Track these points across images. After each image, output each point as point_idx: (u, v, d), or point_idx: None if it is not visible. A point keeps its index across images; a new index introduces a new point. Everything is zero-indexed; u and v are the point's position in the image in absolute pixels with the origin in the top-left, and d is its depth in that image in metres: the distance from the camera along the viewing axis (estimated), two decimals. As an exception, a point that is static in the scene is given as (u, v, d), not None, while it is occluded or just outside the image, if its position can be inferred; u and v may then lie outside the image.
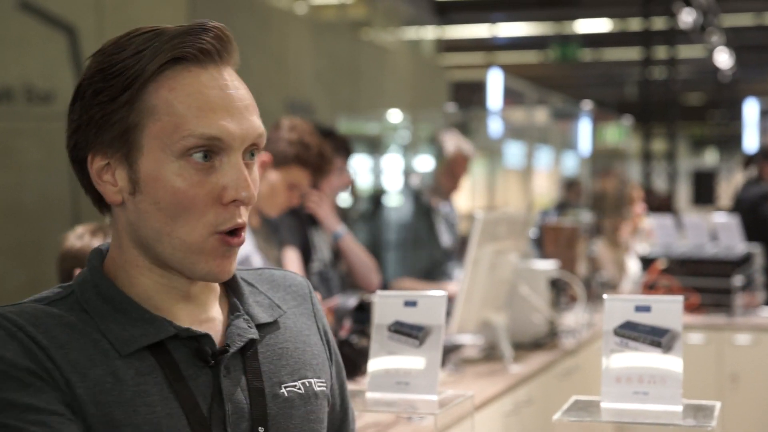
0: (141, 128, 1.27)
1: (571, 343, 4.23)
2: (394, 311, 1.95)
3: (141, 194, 1.28)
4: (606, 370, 1.83)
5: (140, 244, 1.31)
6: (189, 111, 1.26)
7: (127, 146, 1.27)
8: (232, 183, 1.28)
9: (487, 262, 3.72)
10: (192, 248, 1.28)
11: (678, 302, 1.84)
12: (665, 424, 1.77)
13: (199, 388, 1.29)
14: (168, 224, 1.28)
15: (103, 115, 1.27)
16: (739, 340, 4.82)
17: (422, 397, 1.91)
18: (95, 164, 1.29)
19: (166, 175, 1.26)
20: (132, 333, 1.27)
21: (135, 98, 1.26)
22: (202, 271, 1.29)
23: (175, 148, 1.26)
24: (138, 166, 1.27)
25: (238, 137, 1.28)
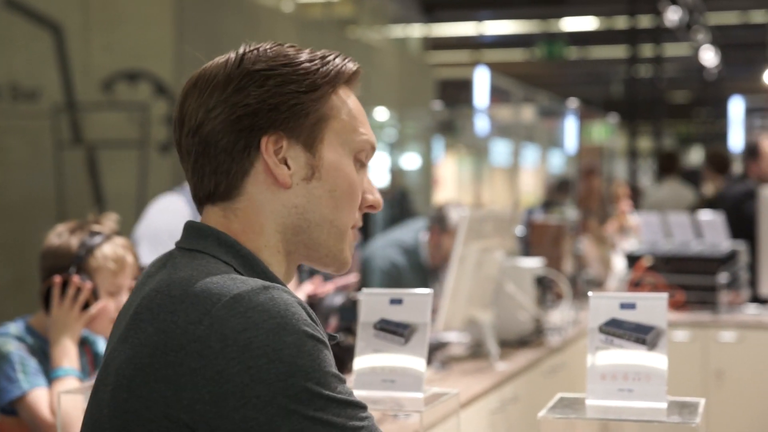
0: (324, 122, 1.42)
1: (556, 340, 4.24)
2: (380, 309, 1.95)
3: (319, 180, 1.41)
4: (591, 368, 1.84)
5: (292, 228, 1.41)
6: (358, 118, 1.46)
7: (312, 136, 1.40)
8: (369, 188, 1.48)
9: (473, 260, 3.73)
10: (342, 237, 1.44)
11: (663, 299, 1.85)
12: (650, 421, 1.78)
13: None
14: (333, 212, 1.42)
15: (297, 103, 1.39)
16: (723, 338, 4.84)
17: (408, 394, 1.91)
18: (271, 146, 1.39)
19: (347, 168, 1.43)
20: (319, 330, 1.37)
21: (326, 95, 1.42)
22: (344, 258, 1.45)
23: (353, 146, 1.44)
24: (320, 154, 1.41)
25: (375, 150, 1.49)
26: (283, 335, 1.26)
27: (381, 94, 12.11)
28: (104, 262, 2.54)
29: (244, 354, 1.24)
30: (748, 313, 5.07)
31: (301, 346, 1.26)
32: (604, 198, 8.97)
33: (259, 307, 1.27)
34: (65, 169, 6.79)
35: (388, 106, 11.20)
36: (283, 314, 1.27)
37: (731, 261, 5.12)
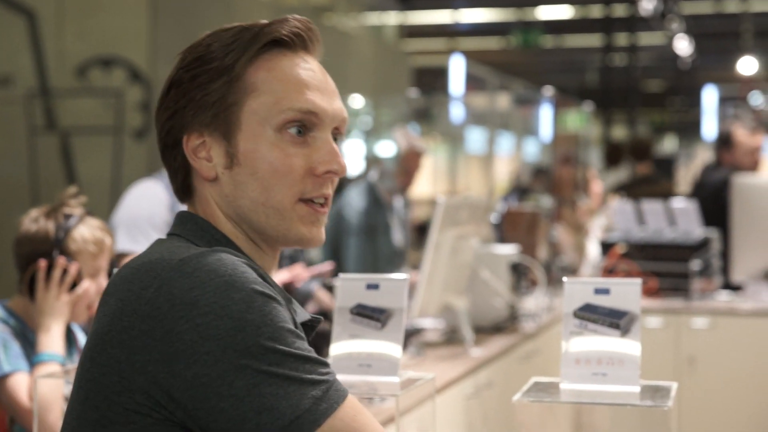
0: (240, 105, 1.38)
1: (531, 327, 4.27)
2: (356, 294, 1.96)
3: (239, 166, 1.38)
4: (565, 352, 1.85)
5: (236, 216, 1.40)
6: (287, 87, 1.38)
7: (226, 123, 1.38)
8: (325, 156, 1.40)
9: (448, 247, 3.74)
10: (284, 215, 1.39)
11: (636, 285, 1.86)
12: (623, 404, 1.80)
13: None
14: (263, 193, 1.38)
15: (204, 95, 1.37)
16: (696, 324, 4.88)
17: (384, 379, 1.92)
18: (191, 143, 1.39)
19: (265, 147, 1.37)
20: (292, 308, 1.38)
21: (234, 78, 1.37)
22: (296, 236, 1.40)
23: (273, 122, 1.38)
24: (236, 141, 1.38)
25: (329, 115, 1.41)
26: (230, 292, 1.26)
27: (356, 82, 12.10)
28: (84, 245, 2.54)
29: (191, 312, 1.25)
30: (720, 299, 5.11)
31: (250, 302, 1.26)
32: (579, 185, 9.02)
33: (206, 267, 1.28)
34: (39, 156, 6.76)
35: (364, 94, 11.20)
36: (231, 273, 1.28)
37: (704, 248, 5.15)
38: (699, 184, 6.16)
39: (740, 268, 5.17)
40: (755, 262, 5.16)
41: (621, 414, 2.14)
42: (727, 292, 5.23)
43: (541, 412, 1.88)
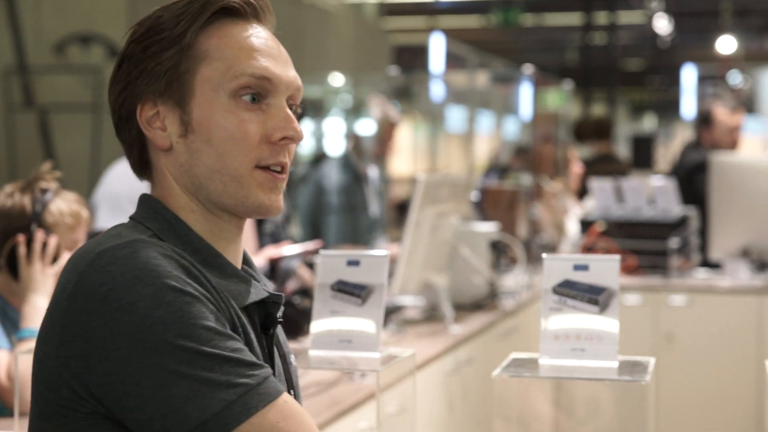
0: (193, 73, 1.35)
1: (510, 304, 4.29)
2: (337, 270, 1.96)
3: (193, 134, 1.35)
4: (544, 328, 1.87)
5: (192, 186, 1.37)
6: (240, 54, 1.36)
7: (180, 91, 1.35)
8: (280, 122, 1.37)
9: (428, 225, 3.75)
10: (241, 182, 1.35)
11: (615, 261, 1.87)
12: (601, 379, 1.81)
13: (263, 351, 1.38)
14: (219, 161, 1.35)
15: (156, 64, 1.35)
16: (674, 301, 4.91)
17: (365, 354, 1.93)
18: (144, 113, 1.37)
19: (219, 113, 1.35)
20: (238, 288, 1.34)
21: (186, 47, 1.35)
22: (254, 203, 1.36)
23: (227, 88, 1.35)
24: (190, 108, 1.35)
25: (284, 81, 1.38)
26: (139, 287, 1.23)
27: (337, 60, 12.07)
28: (61, 218, 2.54)
29: (102, 307, 1.23)
30: (697, 277, 5.14)
31: (159, 298, 1.23)
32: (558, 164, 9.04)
33: (119, 261, 1.26)
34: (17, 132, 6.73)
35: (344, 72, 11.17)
36: (142, 267, 1.25)
37: (682, 226, 5.18)
38: (676, 163, 6.19)
39: (718, 246, 5.20)
40: (733, 240, 5.19)
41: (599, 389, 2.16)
42: (705, 270, 5.27)
43: (520, 387, 1.89)
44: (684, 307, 4.89)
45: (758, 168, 5.23)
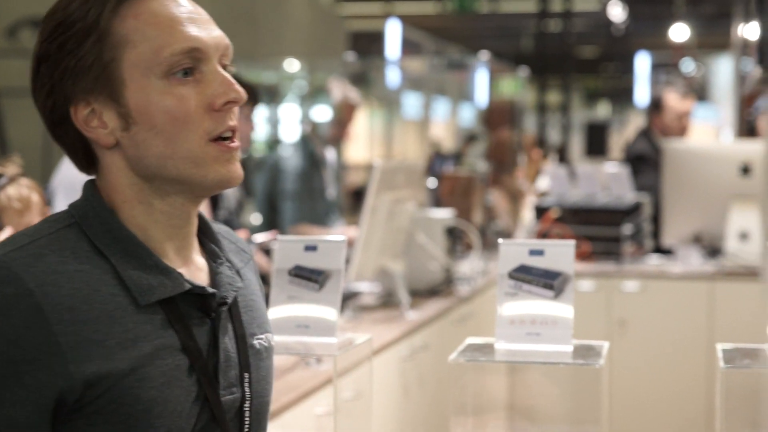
0: (118, 61, 1.28)
1: (466, 290, 4.31)
2: (294, 256, 1.97)
3: (135, 125, 1.29)
4: (500, 313, 1.88)
5: (144, 177, 1.31)
6: (161, 31, 1.28)
7: (109, 83, 1.28)
8: (219, 88, 1.30)
9: (384, 211, 3.76)
10: (196, 161, 1.29)
11: (570, 246, 1.90)
12: (556, 363, 1.84)
13: (202, 339, 1.32)
14: (168, 146, 1.28)
15: (77, 61, 1.27)
16: (627, 287, 4.96)
17: (322, 340, 1.94)
18: (80, 114, 1.29)
19: (155, 97, 1.28)
20: (150, 282, 1.28)
21: (103, 35, 1.27)
22: (215, 178, 1.30)
23: (158, 70, 1.28)
24: (125, 99, 1.28)
25: (212, 45, 1.31)
26: None
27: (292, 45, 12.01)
28: (8, 203, 2.53)
29: None
30: (650, 263, 5.20)
31: None
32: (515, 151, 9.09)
33: None
34: (-32, 118, 6.64)
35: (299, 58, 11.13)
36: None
37: (635, 213, 5.23)
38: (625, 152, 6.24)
39: (670, 232, 5.26)
40: (685, 227, 5.25)
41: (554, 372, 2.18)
42: (658, 256, 5.32)
43: (476, 372, 1.91)
44: (637, 293, 4.94)
45: (710, 155, 5.29)
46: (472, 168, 7.14)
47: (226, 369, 1.33)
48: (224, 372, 1.33)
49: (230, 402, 1.33)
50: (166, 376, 1.26)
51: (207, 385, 1.30)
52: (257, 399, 1.38)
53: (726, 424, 1.80)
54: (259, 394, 1.39)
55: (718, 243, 5.17)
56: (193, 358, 1.29)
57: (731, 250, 5.01)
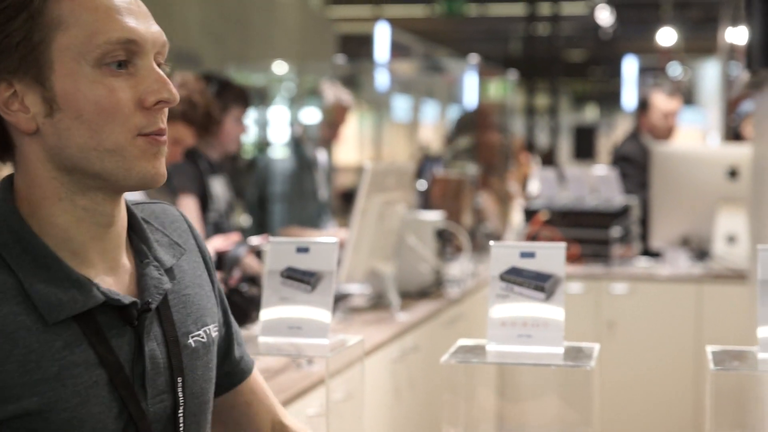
0: (48, 43, 1.21)
1: (456, 292, 4.31)
2: (286, 257, 1.97)
3: (60, 112, 1.22)
4: (492, 314, 1.88)
5: (64, 169, 1.24)
6: (98, 17, 1.22)
7: (36, 65, 1.21)
8: (153, 85, 1.25)
9: (375, 213, 3.76)
10: (122, 154, 1.23)
11: (561, 249, 1.90)
12: (547, 364, 1.84)
13: (122, 348, 1.26)
14: (93, 137, 1.22)
15: (4, 37, 1.20)
16: (615, 290, 4.97)
17: (314, 341, 1.94)
18: (1, 96, 1.22)
19: (85, 85, 1.22)
20: (60, 298, 1.21)
21: (36, 13, 1.20)
22: (138, 174, 1.24)
23: (90, 57, 1.22)
24: (51, 83, 1.22)
25: (149, 40, 1.26)
26: None
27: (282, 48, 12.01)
28: None
29: None
30: (638, 266, 5.21)
31: None
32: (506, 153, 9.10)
33: None
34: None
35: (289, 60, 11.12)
36: None
37: (624, 215, 5.24)
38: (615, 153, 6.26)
39: (658, 234, 5.27)
40: (673, 229, 5.27)
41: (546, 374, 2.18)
42: (646, 259, 5.34)
43: (467, 373, 1.91)
44: (625, 295, 4.95)
45: (698, 158, 5.30)
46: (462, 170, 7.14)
47: (154, 377, 1.28)
48: (152, 380, 1.28)
49: (160, 411, 1.28)
50: (81, 395, 1.20)
51: (129, 398, 1.24)
52: (194, 401, 1.33)
53: (715, 425, 1.80)
54: (196, 396, 1.34)
55: (705, 246, 5.18)
56: (112, 371, 1.23)
57: (719, 253, 5.02)
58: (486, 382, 2.95)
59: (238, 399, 1.52)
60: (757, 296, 1.84)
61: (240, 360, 1.53)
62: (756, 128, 3.92)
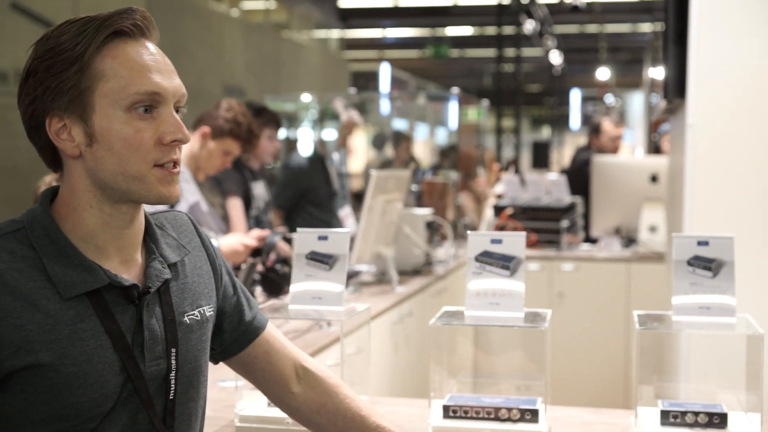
0: (92, 90, 1.23)
1: (441, 270, 4.30)
2: (310, 244, 1.96)
3: (97, 143, 1.24)
4: (468, 287, 1.88)
5: (99, 186, 1.26)
6: (132, 73, 1.24)
7: (82, 106, 1.23)
8: (170, 128, 1.26)
9: (379, 209, 3.75)
10: (143, 180, 1.25)
11: (522, 237, 1.89)
12: (512, 326, 1.83)
13: (125, 322, 1.26)
14: (121, 165, 1.24)
15: (59, 83, 1.22)
16: (564, 268, 4.96)
17: (332, 308, 1.93)
18: (53, 126, 1.25)
19: (117, 126, 1.23)
20: (73, 279, 1.22)
21: (85, 67, 1.22)
22: (155, 196, 1.26)
23: (123, 104, 1.23)
24: (92, 121, 1.23)
25: (170, 92, 1.27)
26: None
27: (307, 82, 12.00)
28: None
29: None
30: (582, 249, 5.19)
31: None
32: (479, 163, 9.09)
33: None
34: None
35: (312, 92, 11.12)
36: None
37: (571, 211, 5.23)
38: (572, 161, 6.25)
39: (597, 226, 5.26)
40: (608, 222, 5.26)
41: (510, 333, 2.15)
42: (588, 244, 5.32)
43: (450, 333, 1.90)
44: (572, 272, 4.94)
45: (628, 167, 5.29)
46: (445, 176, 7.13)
47: (152, 345, 1.27)
48: (150, 347, 1.27)
49: (156, 372, 1.28)
50: (87, 354, 1.21)
51: (128, 359, 1.24)
52: (186, 366, 1.32)
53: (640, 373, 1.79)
54: (189, 362, 1.33)
55: (633, 234, 5.17)
56: (114, 338, 1.23)
57: (643, 240, 5.01)
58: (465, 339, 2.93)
59: (257, 350, 1.49)
60: (672, 272, 1.83)
61: (253, 320, 1.50)
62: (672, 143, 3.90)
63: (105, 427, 1.22)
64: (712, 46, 2.91)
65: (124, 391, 1.24)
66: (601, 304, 4.86)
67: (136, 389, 1.25)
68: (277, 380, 1.49)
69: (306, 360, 1.53)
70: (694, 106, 2.93)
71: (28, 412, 1.18)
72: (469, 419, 1.82)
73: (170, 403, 1.29)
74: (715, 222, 2.88)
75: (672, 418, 1.77)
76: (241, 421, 1.86)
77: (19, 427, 1.19)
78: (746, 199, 2.86)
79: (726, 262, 1.79)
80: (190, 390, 1.34)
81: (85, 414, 1.20)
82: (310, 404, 1.50)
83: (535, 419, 1.80)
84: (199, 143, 3.37)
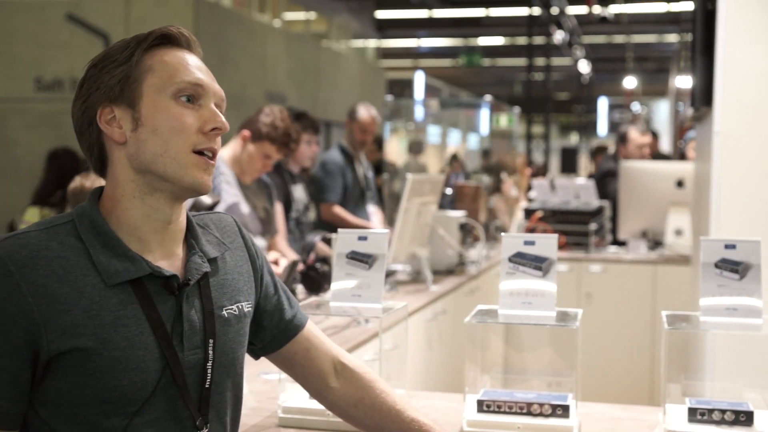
0: (141, 81, 1.27)
1: (474, 270, 4.28)
2: (350, 243, 1.96)
3: (142, 127, 1.26)
4: (502, 287, 1.87)
5: (139, 171, 1.27)
6: (177, 66, 1.29)
7: (131, 95, 1.27)
8: (211, 117, 1.29)
9: (414, 211, 3.75)
10: (180, 163, 1.26)
11: (554, 239, 1.88)
12: (544, 324, 1.82)
13: (166, 312, 1.26)
14: (162, 146, 1.26)
15: (111, 77, 1.27)
16: (592, 269, 4.92)
17: (370, 305, 1.93)
18: (104, 117, 1.28)
19: (162, 109, 1.27)
20: (117, 267, 1.24)
21: (135, 63, 1.28)
22: (189, 180, 1.27)
23: (169, 91, 1.27)
24: (139, 107, 1.27)
25: (211, 89, 1.31)
26: None
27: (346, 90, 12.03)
28: None
29: None
30: (610, 252, 5.15)
31: None
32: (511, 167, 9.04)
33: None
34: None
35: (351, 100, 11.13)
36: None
37: (599, 215, 5.19)
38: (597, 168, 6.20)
39: (624, 229, 5.21)
40: (635, 225, 5.21)
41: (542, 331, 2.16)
42: (615, 246, 5.28)
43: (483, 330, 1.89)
44: (600, 273, 4.90)
45: (654, 172, 5.24)
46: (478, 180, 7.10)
47: (190, 335, 1.27)
48: (189, 337, 1.27)
49: (194, 361, 1.28)
50: (129, 340, 1.21)
51: (167, 347, 1.24)
52: (223, 357, 1.32)
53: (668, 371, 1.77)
54: (225, 353, 1.33)
55: (660, 237, 5.12)
56: (154, 326, 1.24)
57: (669, 243, 4.96)
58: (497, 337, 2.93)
59: (297, 347, 1.50)
60: (699, 274, 1.80)
61: (293, 318, 1.50)
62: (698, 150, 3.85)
63: (145, 411, 1.23)
64: (738, 55, 2.87)
65: (163, 378, 1.24)
66: (627, 304, 4.82)
67: (174, 376, 1.25)
68: (315, 375, 1.50)
69: (344, 356, 1.53)
70: (721, 113, 2.89)
71: (73, 394, 1.20)
72: (503, 414, 1.81)
73: (206, 391, 1.30)
74: (740, 226, 2.84)
75: (699, 416, 1.75)
76: (284, 412, 1.87)
77: (65, 406, 1.21)
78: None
79: (753, 265, 1.77)
80: (226, 380, 1.34)
81: (127, 397, 1.21)
82: (348, 398, 1.50)
83: (566, 414, 1.79)
84: (240, 146, 3.38)
